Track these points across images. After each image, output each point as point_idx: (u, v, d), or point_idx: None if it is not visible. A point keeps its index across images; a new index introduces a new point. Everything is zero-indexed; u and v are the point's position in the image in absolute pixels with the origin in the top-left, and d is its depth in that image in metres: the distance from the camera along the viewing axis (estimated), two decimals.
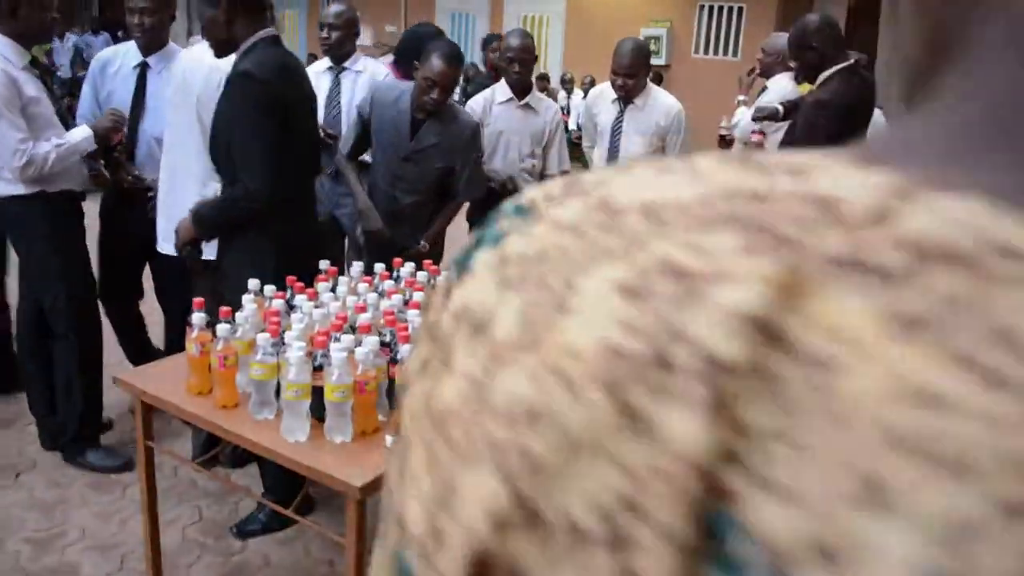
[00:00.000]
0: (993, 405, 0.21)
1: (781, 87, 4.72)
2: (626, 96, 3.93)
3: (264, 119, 2.50)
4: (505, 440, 0.26)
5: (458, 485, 0.27)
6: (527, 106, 3.98)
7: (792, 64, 3.73)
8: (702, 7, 10.42)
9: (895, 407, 0.22)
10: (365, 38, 13.31)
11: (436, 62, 3.22)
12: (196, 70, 3.02)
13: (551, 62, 11.70)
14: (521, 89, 3.98)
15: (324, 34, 4.02)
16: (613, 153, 4.05)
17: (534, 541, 0.25)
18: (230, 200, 2.66)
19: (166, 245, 3.10)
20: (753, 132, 3.99)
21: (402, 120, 3.35)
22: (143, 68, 3.37)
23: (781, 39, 4.86)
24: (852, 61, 3.52)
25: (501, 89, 4.02)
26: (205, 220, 2.68)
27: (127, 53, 3.43)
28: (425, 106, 3.29)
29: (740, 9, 10.16)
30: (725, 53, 10.33)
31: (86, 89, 3.50)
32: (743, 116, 4.63)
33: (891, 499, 0.21)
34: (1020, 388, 0.21)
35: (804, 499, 0.21)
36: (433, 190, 3.47)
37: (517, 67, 3.91)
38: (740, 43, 10.25)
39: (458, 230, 3.86)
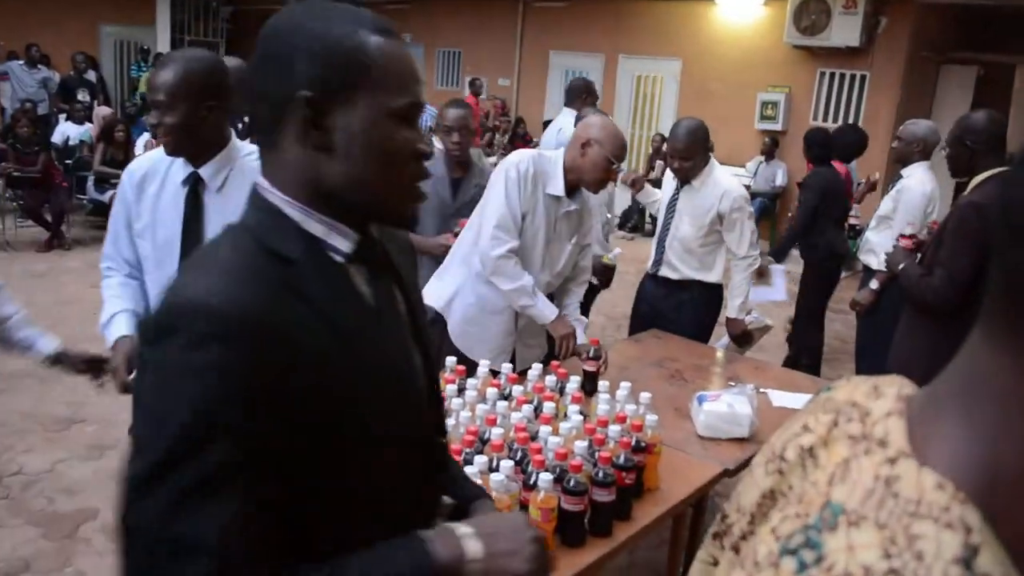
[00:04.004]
0: None
1: (917, 177, 4.53)
2: (682, 178, 3.85)
3: None
4: None
5: None
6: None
7: (945, 152, 3.56)
8: (823, 74, 10.17)
9: None
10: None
11: (444, 111, 3.67)
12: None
13: (664, 121, 11.60)
14: None
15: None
16: (664, 232, 3.95)
17: None
18: None
19: None
20: (902, 237, 3.84)
21: (441, 183, 3.64)
22: (194, 183, 2.28)
23: (918, 126, 4.68)
24: (1009, 168, 3.34)
25: None
26: None
27: (173, 163, 2.31)
28: (452, 152, 3.63)
29: (863, 77, 9.88)
30: (845, 122, 10.02)
31: (116, 214, 2.40)
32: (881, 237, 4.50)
33: None
34: None
35: None
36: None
37: None
38: (862, 111, 9.95)
39: None
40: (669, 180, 4.01)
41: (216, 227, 2.15)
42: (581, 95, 5.14)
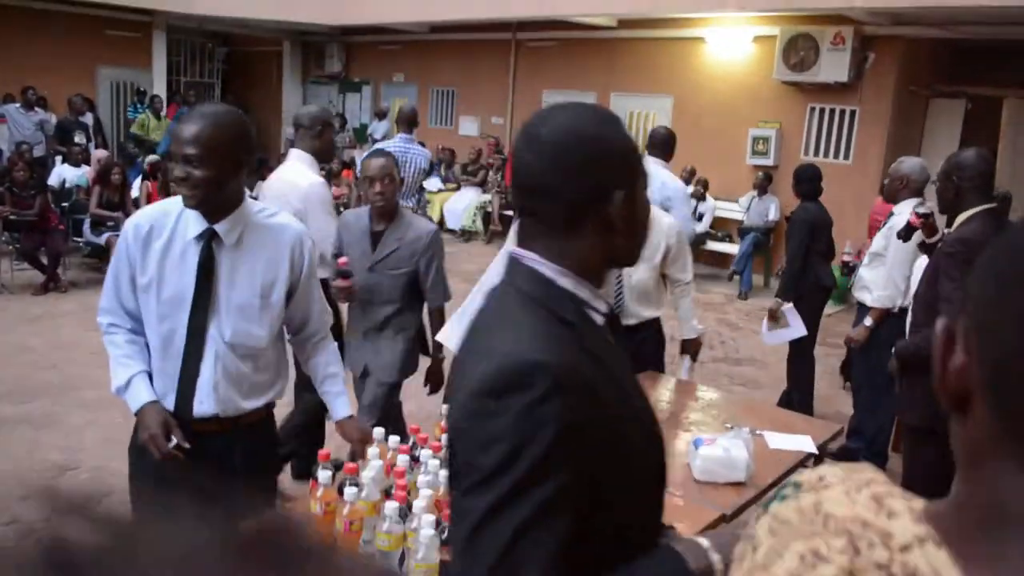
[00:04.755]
0: None
1: (908, 214, 4.57)
2: None
3: None
4: None
5: None
6: None
7: (936, 184, 3.62)
8: (813, 109, 10.29)
9: None
10: (471, 128, 13.70)
11: (366, 161, 3.67)
12: None
13: None
14: None
15: None
16: (618, 282, 3.84)
17: None
18: None
19: None
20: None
21: (364, 236, 3.66)
22: (209, 239, 2.24)
23: (903, 164, 4.75)
24: (993, 205, 3.40)
25: None
26: None
27: (181, 217, 2.24)
28: (375, 203, 3.58)
29: (853, 112, 9.99)
30: (836, 156, 10.11)
31: (118, 267, 2.30)
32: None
33: None
34: None
35: None
36: (405, 297, 3.65)
37: None
38: (852, 147, 10.05)
39: None
40: None
41: (228, 282, 2.23)
42: (667, 146, 5.20)
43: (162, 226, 2.23)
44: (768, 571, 0.68)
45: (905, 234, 4.12)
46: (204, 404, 2.25)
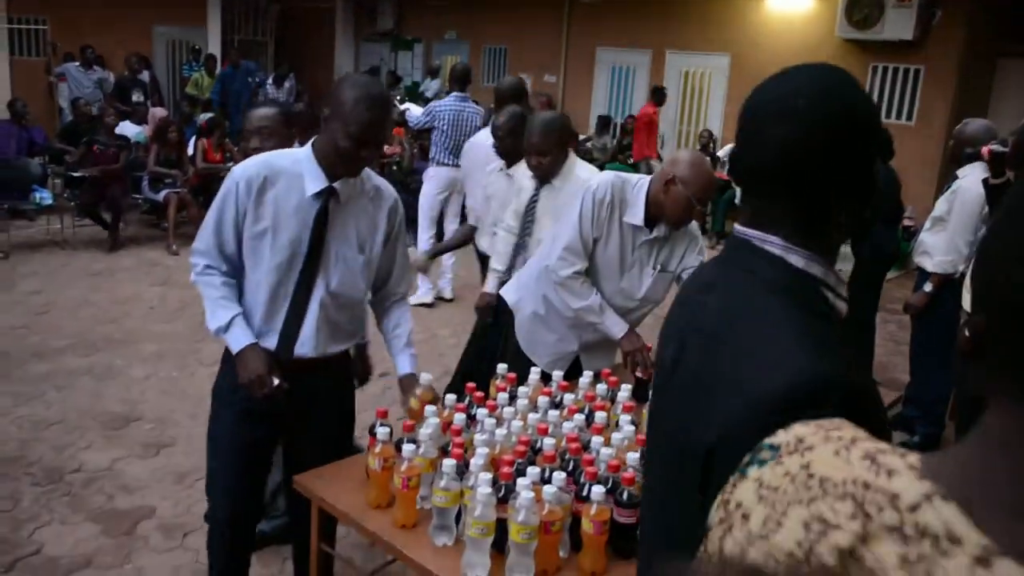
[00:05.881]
0: None
1: (973, 178, 4.43)
2: (541, 175, 3.54)
3: None
4: None
5: None
6: (509, 176, 3.98)
7: (1010, 140, 3.53)
8: (875, 68, 9.99)
9: None
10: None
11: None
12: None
13: (712, 118, 11.50)
14: (507, 157, 4.05)
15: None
16: (524, 236, 3.64)
17: None
18: None
19: None
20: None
21: None
22: (327, 197, 2.35)
23: (969, 126, 4.60)
24: None
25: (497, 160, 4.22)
26: None
27: (300, 172, 2.34)
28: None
29: (917, 72, 9.68)
30: (899, 117, 9.82)
31: (222, 212, 2.35)
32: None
33: None
34: None
35: None
36: None
37: (500, 135, 4.05)
38: (916, 107, 9.75)
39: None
40: (527, 181, 3.68)
41: (338, 236, 2.37)
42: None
43: (276, 177, 2.33)
44: (770, 541, 0.67)
45: (968, 157, 4.10)
46: (304, 347, 2.40)
